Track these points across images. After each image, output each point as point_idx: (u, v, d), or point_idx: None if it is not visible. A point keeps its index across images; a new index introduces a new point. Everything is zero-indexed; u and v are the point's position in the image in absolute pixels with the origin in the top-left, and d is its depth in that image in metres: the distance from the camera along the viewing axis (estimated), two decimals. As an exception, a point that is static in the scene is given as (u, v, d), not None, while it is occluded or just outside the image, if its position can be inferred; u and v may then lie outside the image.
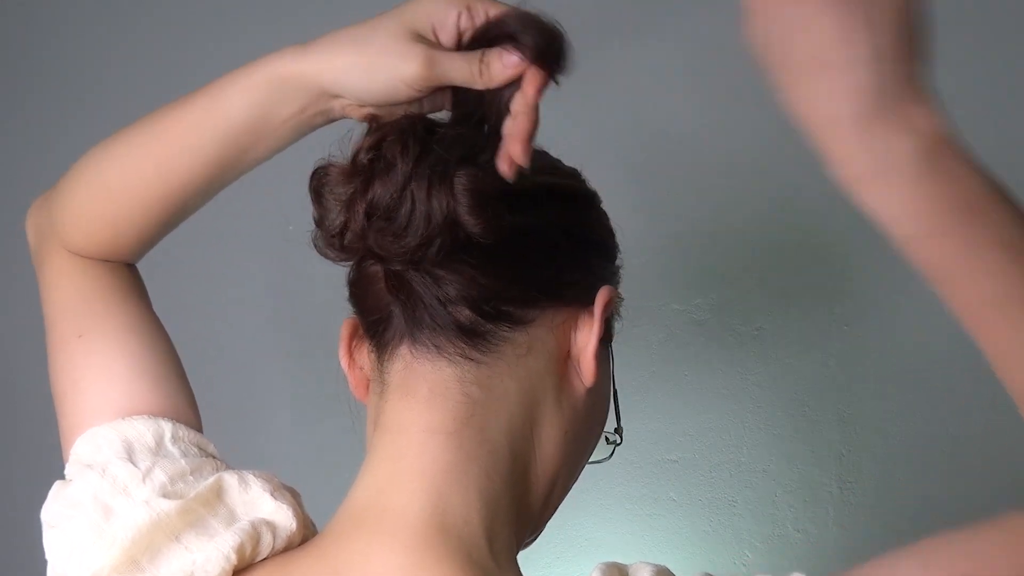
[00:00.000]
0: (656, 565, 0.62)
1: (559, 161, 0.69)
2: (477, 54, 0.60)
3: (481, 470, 0.60)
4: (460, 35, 0.61)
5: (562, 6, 0.64)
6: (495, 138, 0.61)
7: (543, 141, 0.69)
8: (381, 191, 0.58)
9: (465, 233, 0.58)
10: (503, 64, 0.60)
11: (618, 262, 0.70)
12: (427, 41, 0.60)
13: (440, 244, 0.58)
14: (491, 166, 0.59)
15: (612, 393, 0.70)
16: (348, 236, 0.60)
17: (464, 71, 0.60)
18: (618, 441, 0.72)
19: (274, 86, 0.62)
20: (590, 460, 0.71)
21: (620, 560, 0.61)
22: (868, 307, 1.37)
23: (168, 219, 0.70)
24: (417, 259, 0.59)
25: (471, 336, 0.61)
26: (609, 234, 0.69)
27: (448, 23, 0.60)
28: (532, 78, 0.60)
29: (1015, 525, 0.55)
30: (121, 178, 0.68)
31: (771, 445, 1.39)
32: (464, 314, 0.61)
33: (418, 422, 0.61)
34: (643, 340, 1.41)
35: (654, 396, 1.40)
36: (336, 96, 0.62)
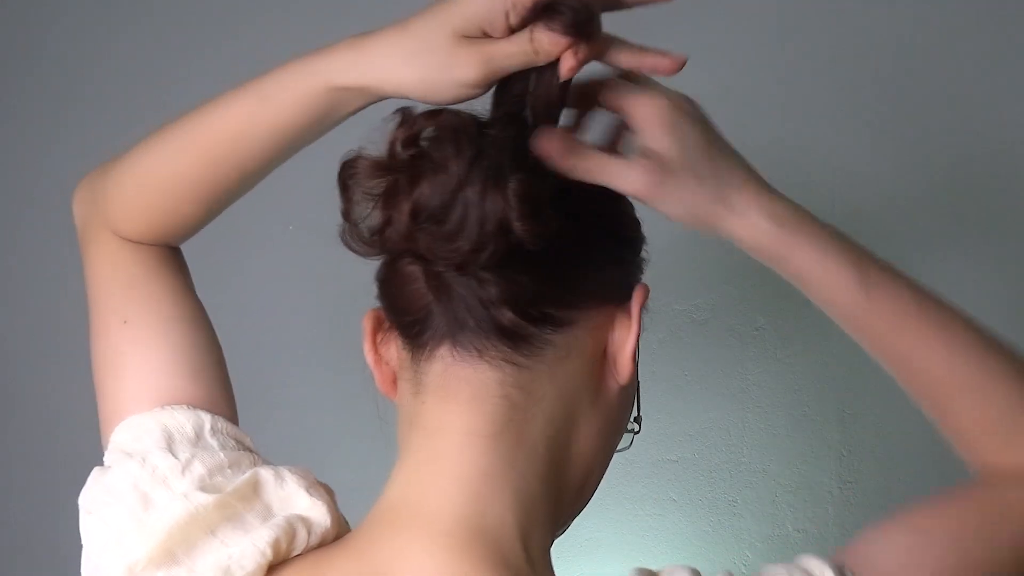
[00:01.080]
0: (688, 567, 0.62)
1: None
2: (526, 33, 0.58)
3: (518, 473, 0.60)
4: (511, 31, 0.59)
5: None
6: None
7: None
8: (430, 192, 0.56)
9: (516, 239, 0.57)
10: (549, 36, 0.58)
11: (643, 255, 0.69)
12: (475, 39, 0.59)
13: (493, 250, 0.57)
14: (540, 169, 0.59)
15: (636, 384, 0.70)
16: (391, 235, 0.58)
17: (519, 55, 0.58)
18: (636, 430, 0.73)
19: (333, 96, 0.61)
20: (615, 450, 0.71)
21: (619, 560, 0.62)
22: (868, 307, 1.37)
23: (216, 207, 0.70)
24: (466, 263, 0.58)
25: (514, 339, 0.60)
26: (637, 227, 0.68)
27: (497, 24, 0.58)
28: (566, 56, 0.59)
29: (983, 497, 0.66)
30: (171, 173, 0.68)
31: (771, 445, 1.39)
32: (507, 316, 0.60)
33: (457, 424, 0.60)
34: (643, 340, 1.40)
35: (654, 396, 1.40)
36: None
